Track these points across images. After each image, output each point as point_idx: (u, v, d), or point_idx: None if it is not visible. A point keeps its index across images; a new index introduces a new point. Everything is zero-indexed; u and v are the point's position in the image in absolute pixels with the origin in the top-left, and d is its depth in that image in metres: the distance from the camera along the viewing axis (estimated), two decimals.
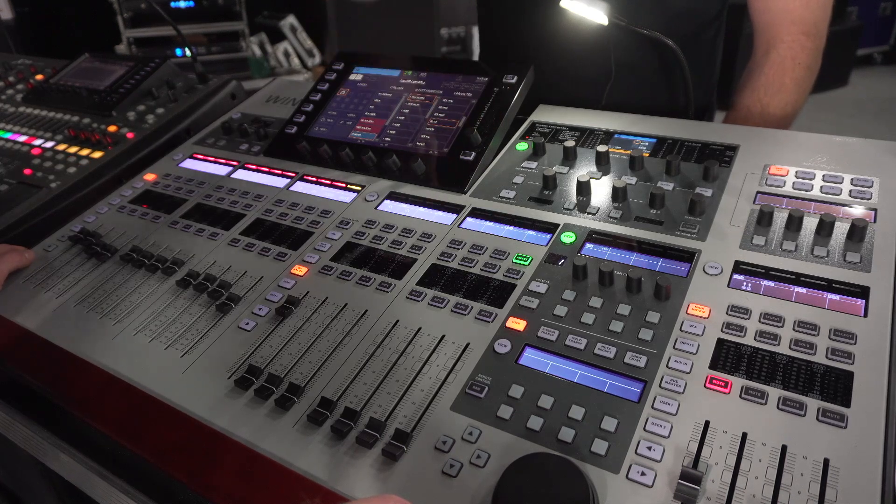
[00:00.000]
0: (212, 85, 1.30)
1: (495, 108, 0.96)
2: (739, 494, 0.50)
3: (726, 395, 0.56)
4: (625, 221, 0.78)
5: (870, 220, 0.70)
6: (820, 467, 0.50)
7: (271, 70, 3.99)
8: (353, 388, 0.64)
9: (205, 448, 0.62)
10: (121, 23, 3.50)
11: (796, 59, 1.01)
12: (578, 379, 0.60)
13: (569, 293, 0.69)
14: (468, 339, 0.66)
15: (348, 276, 0.78)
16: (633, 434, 0.55)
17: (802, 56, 1.01)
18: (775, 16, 1.02)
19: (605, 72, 1.09)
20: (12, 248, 0.89)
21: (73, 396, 0.71)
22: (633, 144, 0.91)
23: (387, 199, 0.90)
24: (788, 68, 1.01)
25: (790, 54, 1.01)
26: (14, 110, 1.37)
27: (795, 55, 1.01)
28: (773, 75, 1.02)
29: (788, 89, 1.01)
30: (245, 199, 0.96)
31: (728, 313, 0.63)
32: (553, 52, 1.14)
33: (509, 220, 0.82)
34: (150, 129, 1.18)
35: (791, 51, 1.01)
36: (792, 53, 1.01)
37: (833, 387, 0.55)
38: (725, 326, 0.62)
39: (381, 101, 1.05)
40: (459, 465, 0.55)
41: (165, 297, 0.80)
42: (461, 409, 0.60)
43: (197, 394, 0.67)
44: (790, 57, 1.01)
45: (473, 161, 0.91)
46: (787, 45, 1.01)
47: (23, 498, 1.06)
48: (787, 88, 1.01)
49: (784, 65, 1.01)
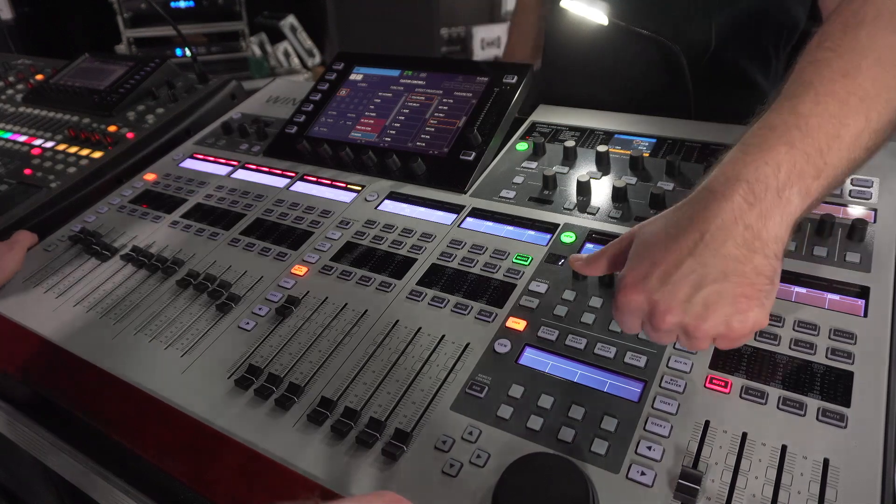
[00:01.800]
0: (212, 85, 1.30)
1: (495, 108, 0.96)
2: (739, 494, 0.50)
3: (726, 395, 0.57)
4: (625, 221, 0.78)
5: (870, 221, 0.70)
6: (820, 467, 0.50)
7: (271, 70, 3.99)
8: (353, 387, 0.64)
9: (205, 448, 0.62)
10: (121, 23, 3.50)
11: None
12: (578, 379, 0.60)
13: (569, 293, 0.69)
14: (468, 339, 0.66)
15: (348, 276, 0.78)
16: (633, 434, 0.55)
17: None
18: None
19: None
20: (21, 231, 0.95)
21: (72, 396, 0.71)
22: (633, 144, 0.91)
23: (387, 198, 0.90)
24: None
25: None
26: (14, 110, 1.37)
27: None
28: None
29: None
30: (245, 199, 0.96)
31: None
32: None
33: (509, 220, 0.82)
34: (150, 129, 1.18)
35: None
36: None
37: (833, 387, 0.55)
38: None
39: (381, 101, 1.05)
40: (459, 464, 0.55)
41: (165, 296, 0.80)
42: (461, 408, 0.60)
43: (197, 393, 0.67)
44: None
45: (473, 161, 0.91)
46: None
47: (23, 498, 1.06)
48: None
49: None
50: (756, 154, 0.51)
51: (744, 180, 0.50)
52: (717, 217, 0.49)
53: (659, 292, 0.50)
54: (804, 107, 0.52)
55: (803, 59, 0.57)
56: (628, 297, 0.52)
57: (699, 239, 0.50)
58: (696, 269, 0.49)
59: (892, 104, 0.53)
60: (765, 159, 0.50)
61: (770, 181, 0.49)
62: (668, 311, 0.50)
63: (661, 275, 0.50)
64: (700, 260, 0.49)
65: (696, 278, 0.49)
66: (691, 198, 0.53)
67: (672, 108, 1.03)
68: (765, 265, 0.49)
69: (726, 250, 0.49)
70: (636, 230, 0.56)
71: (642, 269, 0.52)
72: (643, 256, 0.52)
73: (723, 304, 0.49)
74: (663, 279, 0.50)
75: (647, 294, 0.51)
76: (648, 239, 0.53)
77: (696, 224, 0.50)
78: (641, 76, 1.09)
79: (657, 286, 0.50)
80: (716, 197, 0.50)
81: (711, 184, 0.52)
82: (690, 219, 0.51)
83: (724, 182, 0.51)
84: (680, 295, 0.50)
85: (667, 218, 0.53)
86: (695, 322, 0.49)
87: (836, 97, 0.52)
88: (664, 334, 0.52)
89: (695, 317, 0.49)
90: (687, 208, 0.52)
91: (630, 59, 1.09)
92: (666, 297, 0.50)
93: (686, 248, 0.50)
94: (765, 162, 0.50)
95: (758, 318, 0.49)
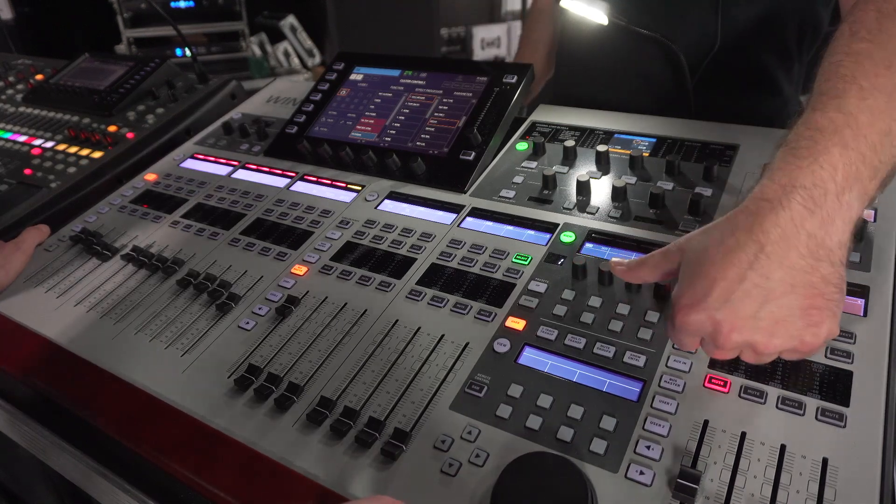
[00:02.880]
0: (212, 85, 1.30)
1: (495, 108, 0.96)
2: (738, 494, 0.50)
3: (725, 395, 0.57)
4: (624, 221, 0.78)
5: (870, 220, 0.70)
6: (819, 467, 0.50)
7: (271, 70, 3.99)
8: (353, 387, 0.64)
9: (204, 447, 0.62)
10: (121, 23, 3.50)
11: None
12: (577, 378, 0.61)
13: (568, 293, 0.69)
14: (467, 339, 0.66)
15: (348, 276, 0.78)
16: (632, 433, 0.55)
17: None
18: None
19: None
20: (31, 227, 0.95)
21: (72, 395, 0.71)
22: (633, 144, 0.91)
23: (387, 198, 0.90)
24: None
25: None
26: (14, 110, 1.37)
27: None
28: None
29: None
30: (245, 198, 0.97)
31: None
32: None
33: (509, 219, 0.82)
34: (150, 129, 1.19)
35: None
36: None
37: (832, 386, 0.55)
38: None
39: (381, 100, 1.06)
40: (458, 464, 0.55)
41: (166, 296, 0.80)
42: (460, 408, 0.60)
43: (197, 393, 0.67)
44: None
45: (473, 161, 0.91)
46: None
47: (23, 497, 1.06)
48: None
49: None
50: (809, 158, 0.48)
51: (800, 186, 0.47)
52: (777, 227, 0.47)
53: (722, 311, 0.48)
54: (851, 103, 0.49)
55: (837, 50, 0.53)
56: (689, 318, 0.49)
57: (759, 251, 0.47)
58: (760, 283, 0.47)
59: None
60: (819, 163, 0.47)
61: (829, 185, 0.47)
62: (733, 329, 0.48)
63: (722, 292, 0.48)
64: (763, 273, 0.47)
65: (760, 293, 0.47)
66: (742, 208, 0.50)
67: (678, 108, 1.02)
68: (832, 273, 0.47)
69: (790, 261, 0.46)
70: (683, 244, 0.54)
71: (700, 288, 0.49)
72: (697, 273, 0.50)
73: (793, 318, 0.47)
74: (725, 297, 0.48)
75: (708, 313, 0.48)
76: (701, 254, 0.51)
77: (755, 235, 0.47)
78: (645, 76, 1.09)
79: (719, 304, 0.48)
80: (773, 206, 0.48)
81: (764, 192, 0.49)
82: (747, 230, 0.48)
83: (778, 190, 0.48)
84: (745, 312, 0.47)
85: (718, 230, 0.51)
86: (765, 339, 0.47)
87: (883, 91, 0.49)
88: (729, 352, 0.50)
89: (764, 333, 0.47)
90: (741, 219, 0.49)
91: (631, 59, 1.09)
92: (730, 315, 0.47)
93: (746, 262, 0.47)
94: (820, 166, 0.47)
95: (830, 328, 0.47)
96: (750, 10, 0.99)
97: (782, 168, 0.49)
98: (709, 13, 0.99)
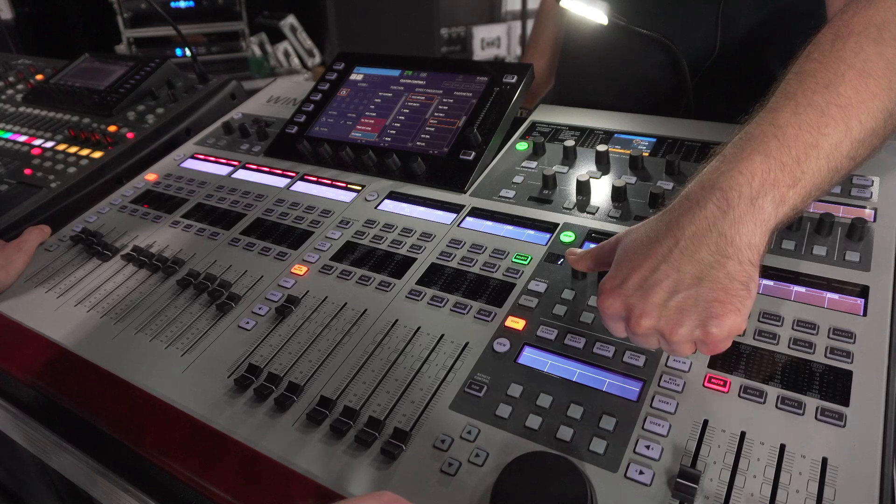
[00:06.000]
0: (212, 85, 1.30)
1: (495, 108, 0.96)
2: (738, 493, 0.50)
3: (725, 394, 0.57)
4: (624, 221, 0.78)
5: (870, 220, 0.70)
6: (818, 466, 0.50)
7: (271, 70, 3.99)
8: (353, 387, 0.64)
9: (204, 447, 0.62)
10: (121, 23, 3.50)
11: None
12: (577, 378, 0.61)
13: (568, 293, 0.69)
14: (467, 339, 0.67)
15: (348, 276, 0.78)
16: (632, 433, 0.55)
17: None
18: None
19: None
20: (32, 227, 0.96)
21: (73, 395, 0.71)
22: (633, 144, 0.91)
23: (387, 198, 0.90)
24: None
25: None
26: (14, 110, 1.37)
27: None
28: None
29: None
30: (246, 198, 0.97)
31: None
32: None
33: (509, 219, 0.82)
34: (150, 129, 1.19)
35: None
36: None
37: (832, 386, 0.55)
38: None
39: (381, 100, 1.06)
40: (458, 463, 0.55)
41: (166, 296, 0.80)
42: (460, 407, 0.60)
43: (197, 393, 0.67)
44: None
45: (473, 161, 0.91)
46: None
47: (23, 497, 1.06)
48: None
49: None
50: (731, 163, 0.52)
51: (718, 188, 0.51)
52: (692, 224, 0.51)
53: (634, 297, 0.52)
54: (783, 117, 0.53)
55: (791, 69, 0.57)
56: (607, 302, 0.54)
57: (674, 245, 0.51)
58: (671, 274, 0.51)
59: (874, 113, 0.54)
60: (739, 168, 0.51)
61: (743, 189, 0.50)
62: (642, 315, 0.52)
63: (637, 280, 0.53)
64: (674, 265, 0.51)
65: (670, 283, 0.51)
66: (671, 206, 0.54)
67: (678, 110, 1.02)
68: (738, 271, 0.50)
69: (700, 256, 0.50)
70: (621, 236, 0.58)
71: (620, 275, 0.54)
72: (622, 262, 0.55)
73: (697, 308, 0.50)
74: (639, 284, 0.52)
75: (622, 299, 0.53)
76: (629, 245, 0.55)
77: (672, 231, 0.52)
78: (645, 76, 1.09)
79: (633, 291, 0.53)
80: (692, 205, 0.52)
81: (689, 192, 0.53)
82: (668, 226, 0.53)
83: (699, 190, 0.52)
84: (654, 300, 0.51)
85: (648, 225, 0.55)
86: (670, 326, 0.51)
87: (815, 108, 0.53)
88: (642, 338, 0.54)
89: (669, 321, 0.51)
90: (666, 216, 0.54)
91: (632, 60, 1.09)
92: (640, 301, 0.52)
93: (661, 254, 0.52)
94: (739, 171, 0.51)
95: (734, 323, 0.50)
96: (753, 18, 0.99)
97: (708, 171, 0.54)
98: (710, 21, 0.99)
